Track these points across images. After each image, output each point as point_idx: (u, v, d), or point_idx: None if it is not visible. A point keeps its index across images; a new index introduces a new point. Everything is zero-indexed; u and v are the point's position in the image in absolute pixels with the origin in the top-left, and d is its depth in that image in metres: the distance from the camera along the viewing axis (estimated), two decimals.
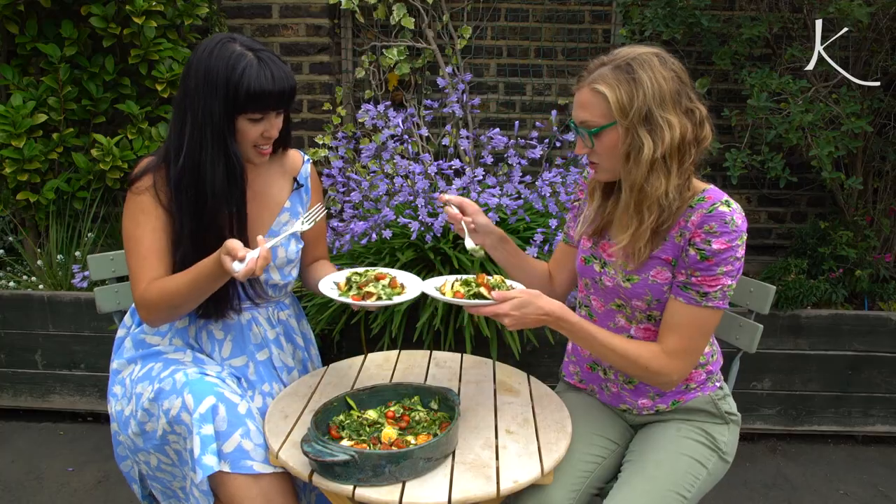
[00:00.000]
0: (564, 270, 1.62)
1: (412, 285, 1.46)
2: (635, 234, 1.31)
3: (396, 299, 1.39)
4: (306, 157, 1.68)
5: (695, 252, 1.27)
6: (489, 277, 1.33)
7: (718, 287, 1.28)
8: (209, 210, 1.42)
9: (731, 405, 1.50)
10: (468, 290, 1.30)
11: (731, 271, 1.28)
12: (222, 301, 1.48)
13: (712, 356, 1.48)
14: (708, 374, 1.47)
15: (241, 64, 1.35)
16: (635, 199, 1.30)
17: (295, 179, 1.63)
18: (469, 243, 1.48)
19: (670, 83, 1.26)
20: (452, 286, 1.34)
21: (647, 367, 1.31)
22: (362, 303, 1.37)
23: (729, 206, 1.27)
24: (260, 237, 1.28)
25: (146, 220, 1.42)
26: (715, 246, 1.26)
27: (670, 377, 1.33)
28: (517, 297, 1.24)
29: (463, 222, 1.47)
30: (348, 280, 1.45)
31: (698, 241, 1.27)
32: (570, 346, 1.63)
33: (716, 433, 1.45)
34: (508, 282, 1.36)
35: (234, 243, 1.24)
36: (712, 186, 1.33)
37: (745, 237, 1.28)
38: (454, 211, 1.48)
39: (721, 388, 1.50)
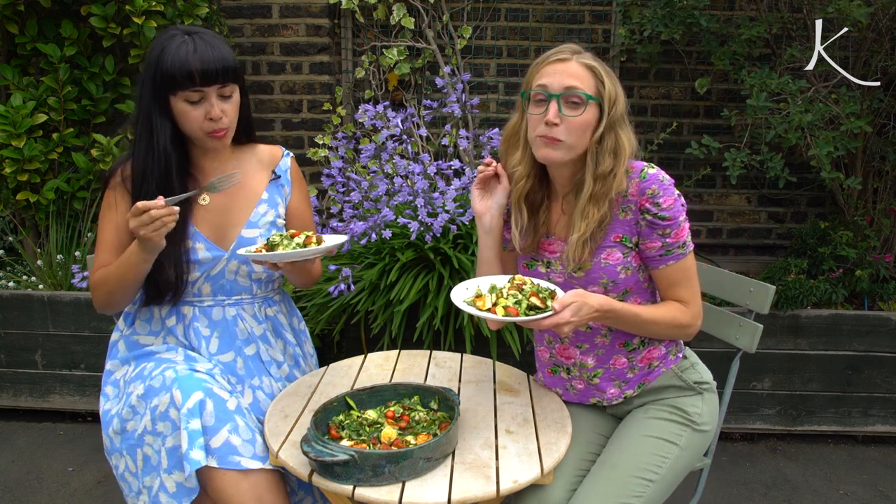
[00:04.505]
0: (507, 266, 1.60)
1: (331, 241, 1.48)
2: (591, 223, 1.34)
3: (305, 250, 1.41)
4: (287, 152, 1.70)
5: (652, 217, 1.33)
6: (527, 280, 1.30)
7: (687, 233, 1.37)
8: (135, 188, 1.47)
9: (700, 373, 1.50)
10: (516, 301, 1.25)
11: (686, 216, 1.37)
12: (161, 288, 1.51)
13: None
14: (667, 348, 1.48)
15: (169, 42, 1.39)
16: (598, 190, 1.34)
17: (273, 171, 1.64)
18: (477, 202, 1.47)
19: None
20: (493, 301, 1.27)
21: (681, 324, 1.39)
22: (267, 254, 1.40)
23: (653, 167, 1.35)
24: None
25: (109, 216, 1.51)
26: (665, 203, 1.33)
27: (695, 323, 1.41)
28: (573, 302, 1.23)
29: (485, 169, 1.46)
30: (269, 241, 1.47)
31: (650, 207, 1.33)
32: (535, 352, 1.62)
33: (687, 406, 1.46)
34: (535, 280, 1.33)
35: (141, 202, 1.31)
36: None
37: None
38: (489, 169, 1.46)
39: (685, 357, 1.51)
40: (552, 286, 1.32)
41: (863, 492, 2.39)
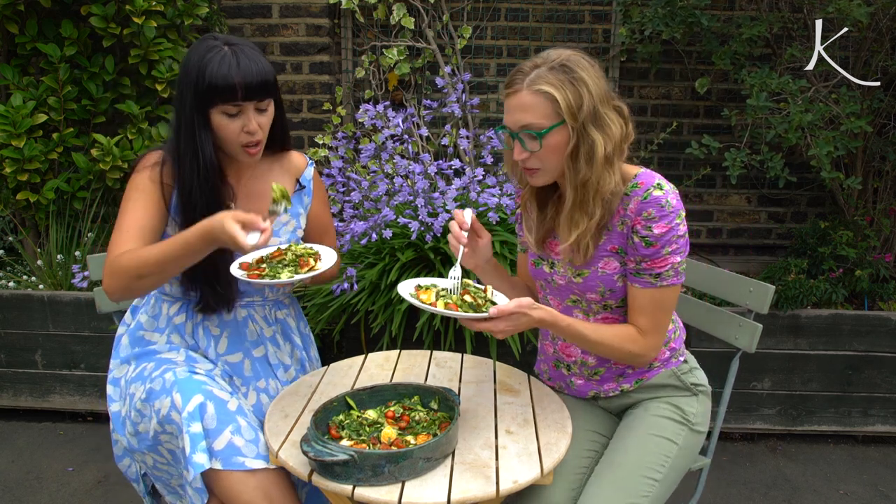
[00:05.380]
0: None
1: (325, 263, 1.44)
2: (585, 231, 1.33)
3: (299, 275, 1.37)
4: (310, 161, 1.69)
5: (639, 240, 1.31)
6: (473, 288, 1.31)
7: (668, 266, 1.32)
8: (184, 202, 1.44)
9: (698, 378, 1.51)
10: (458, 300, 1.28)
11: (677, 249, 1.32)
12: (221, 297, 1.49)
13: (674, 333, 1.50)
14: (671, 351, 1.49)
15: (210, 55, 1.37)
16: (582, 198, 1.31)
17: (297, 181, 1.64)
18: (455, 270, 1.38)
19: (603, 81, 1.30)
20: (437, 298, 1.31)
21: (630, 351, 1.36)
22: (258, 280, 1.36)
23: (662, 189, 1.30)
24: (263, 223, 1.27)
25: (138, 197, 1.43)
26: (657, 231, 1.29)
27: (648, 354, 1.38)
28: (513, 313, 1.22)
29: (462, 249, 1.40)
30: (264, 259, 1.44)
31: (640, 229, 1.31)
32: (539, 345, 1.64)
33: (684, 405, 1.47)
34: (491, 293, 1.33)
35: (251, 216, 1.25)
36: (643, 170, 1.35)
37: (684, 214, 1.32)
38: (463, 237, 1.39)
39: (686, 361, 1.52)
40: (501, 296, 1.32)
41: (863, 492, 2.39)
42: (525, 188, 1.47)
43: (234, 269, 1.40)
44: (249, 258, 1.45)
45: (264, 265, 1.41)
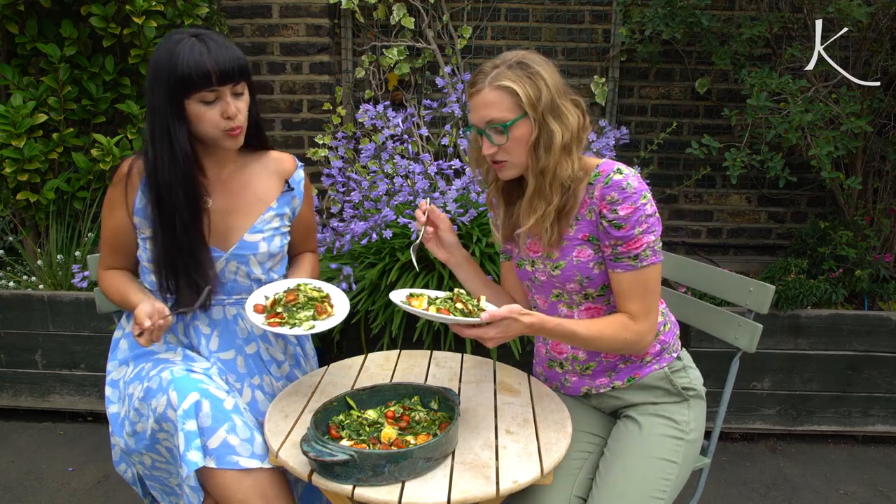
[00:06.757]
0: (519, 287, 1.63)
1: (340, 309, 1.51)
2: (544, 215, 1.38)
3: (319, 325, 1.44)
4: (300, 164, 1.69)
5: (608, 224, 1.34)
6: (465, 297, 1.32)
7: (644, 246, 1.34)
8: (165, 200, 1.44)
9: (690, 378, 1.50)
10: (451, 307, 1.28)
11: (648, 228, 1.34)
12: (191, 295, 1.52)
13: (664, 326, 1.50)
14: (662, 345, 1.49)
15: (179, 47, 1.38)
16: (540, 184, 1.36)
17: (286, 182, 1.64)
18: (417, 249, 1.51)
19: (558, 76, 1.37)
20: (429, 305, 1.32)
21: (625, 339, 1.37)
22: (275, 329, 1.42)
23: (621, 173, 1.34)
24: (168, 314, 1.42)
25: (109, 215, 1.55)
26: (622, 213, 1.32)
27: (644, 340, 1.39)
28: (503, 318, 1.23)
29: (424, 229, 1.51)
30: (277, 301, 1.49)
31: (607, 213, 1.34)
32: (535, 348, 1.64)
33: (675, 414, 1.47)
34: (483, 303, 1.33)
35: (140, 314, 1.38)
36: (605, 160, 1.39)
37: (649, 195, 1.34)
38: (423, 217, 1.51)
39: (679, 358, 1.51)
40: (490, 306, 1.32)
41: (863, 492, 2.39)
42: (490, 186, 1.53)
43: (250, 313, 1.46)
44: (262, 300, 1.50)
45: (280, 309, 1.47)
